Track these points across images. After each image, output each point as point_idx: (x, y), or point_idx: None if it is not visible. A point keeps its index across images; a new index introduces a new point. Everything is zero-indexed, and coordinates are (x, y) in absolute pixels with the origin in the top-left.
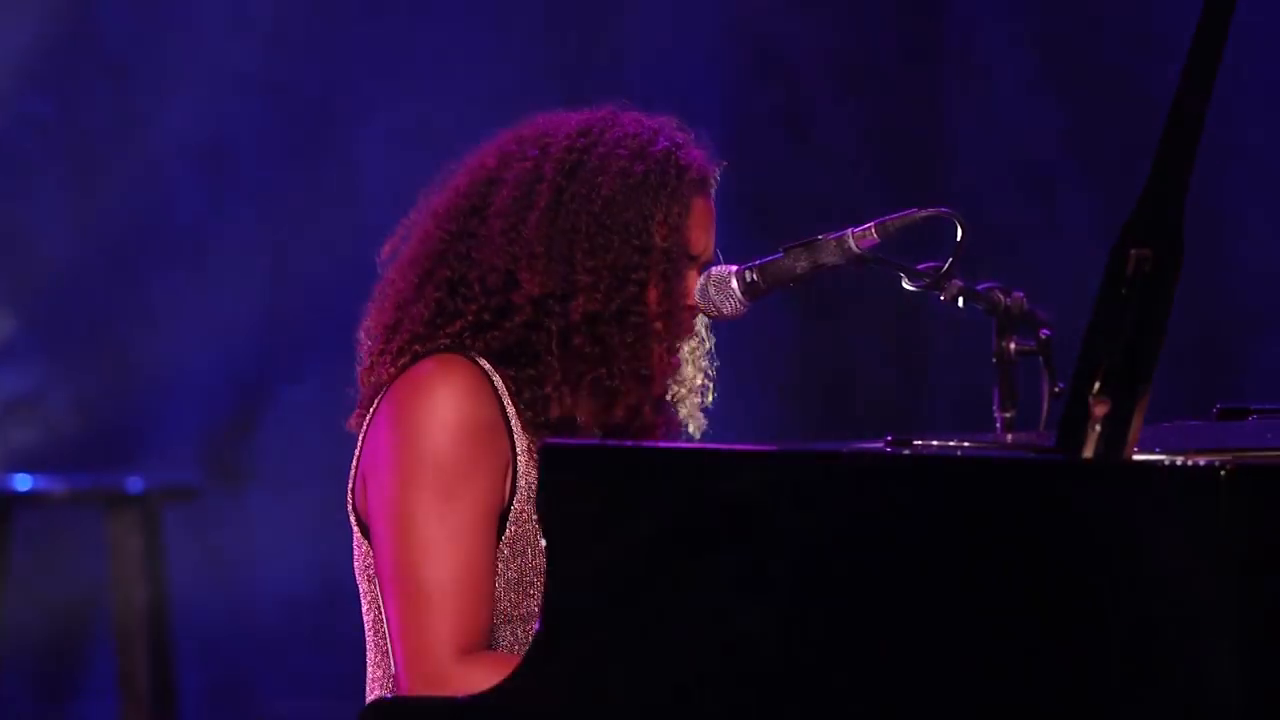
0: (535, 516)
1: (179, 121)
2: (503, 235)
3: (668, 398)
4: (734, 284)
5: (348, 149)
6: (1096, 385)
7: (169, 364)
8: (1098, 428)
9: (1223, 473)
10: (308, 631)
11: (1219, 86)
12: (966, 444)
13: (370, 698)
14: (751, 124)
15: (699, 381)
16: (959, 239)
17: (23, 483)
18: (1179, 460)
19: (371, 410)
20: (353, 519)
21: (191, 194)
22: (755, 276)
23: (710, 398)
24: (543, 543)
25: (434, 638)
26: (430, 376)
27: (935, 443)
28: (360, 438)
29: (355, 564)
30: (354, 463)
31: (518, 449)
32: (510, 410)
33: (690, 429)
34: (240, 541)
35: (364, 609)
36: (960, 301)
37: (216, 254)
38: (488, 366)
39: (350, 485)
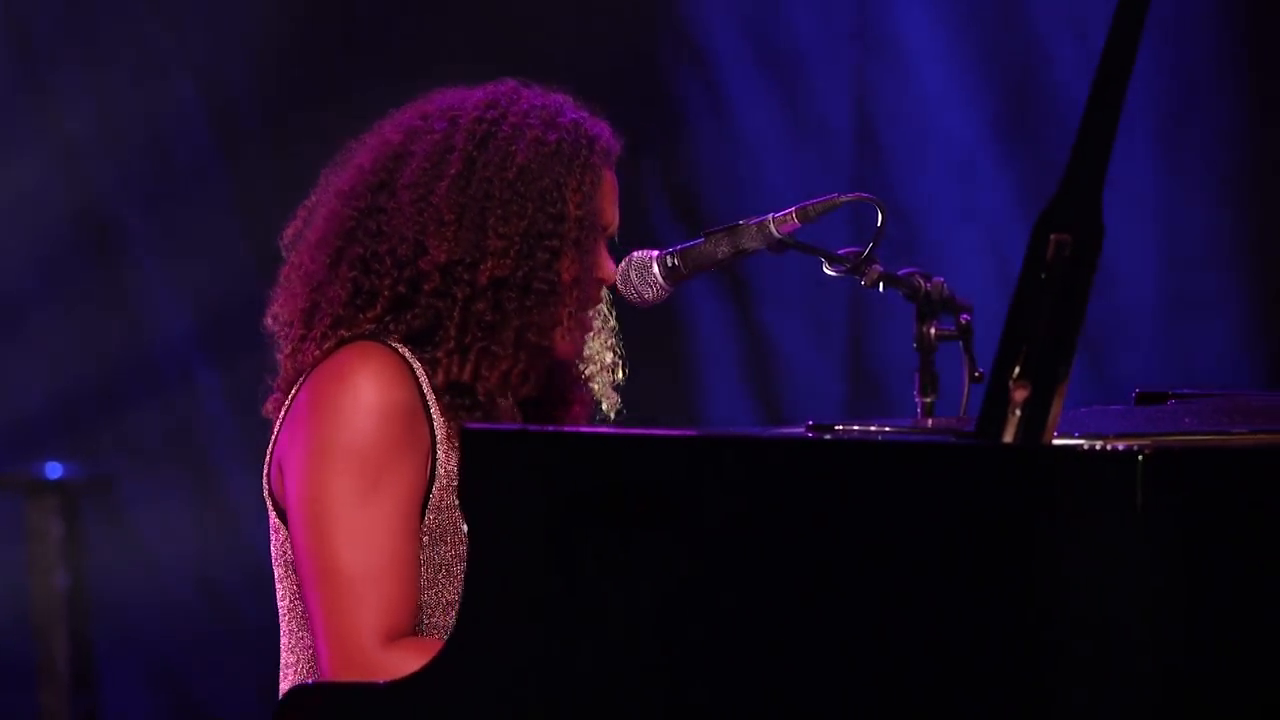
0: (456, 503)
1: (98, 103)
2: (412, 206)
3: (581, 377)
4: (655, 269)
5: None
6: (1016, 370)
7: (86, 349)
8: (1018, 412)
9: (1141, 457)
10: (228, 617)
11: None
12: (887, 429)
13: (284, 684)
14: (670, 107)
15: (609, 359)
16: (880, 224)
17: None
18: (1098, 445)
19: (291, 396)
20: (270, 505)
21: (108, 180)
22: (677, 261)
23: (621, 375)
24: (464, 528)
25: (358, 625)
26: (350, 363)
27: (856, 428)
28: (277, 423)
29: (272, 550)
30: (270, 448)
31: (437, 436)
32: (430, 397)
33: (604, 407)
34: (160, 527)
35: (279, 595)
36: (881, 286)
37: (132, 240)
38: (407, 353)
39: (266, 471)
